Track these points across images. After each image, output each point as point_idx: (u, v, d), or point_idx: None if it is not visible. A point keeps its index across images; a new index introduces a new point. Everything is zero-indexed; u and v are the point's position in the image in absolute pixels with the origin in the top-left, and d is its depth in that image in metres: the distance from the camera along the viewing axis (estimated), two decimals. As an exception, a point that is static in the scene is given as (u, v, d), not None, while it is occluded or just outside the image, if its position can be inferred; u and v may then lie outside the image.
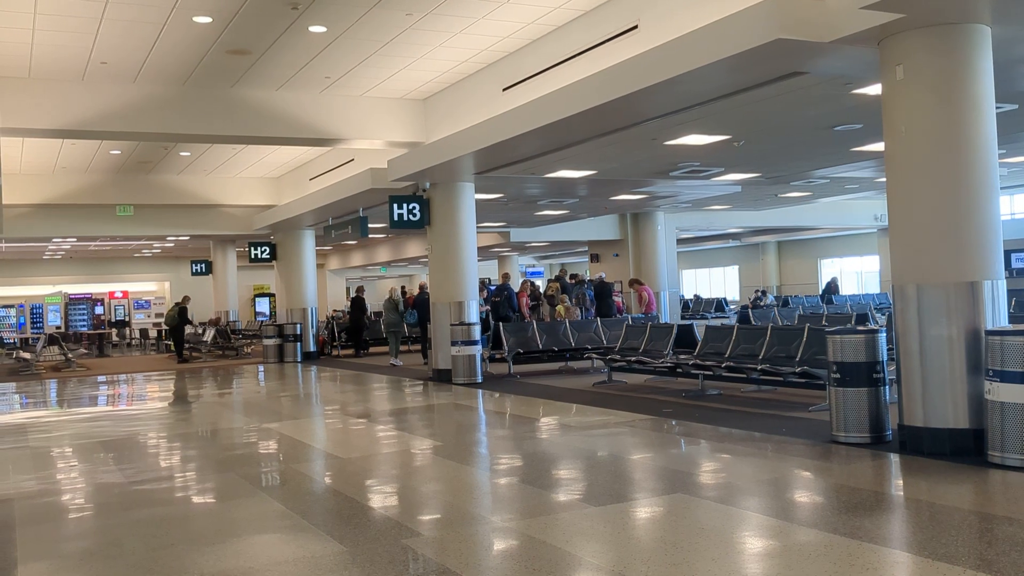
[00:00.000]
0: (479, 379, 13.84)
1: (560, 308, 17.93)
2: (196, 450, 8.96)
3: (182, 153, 17.86)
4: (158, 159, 18.29)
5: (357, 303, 22.25)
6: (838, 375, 7.46)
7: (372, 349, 22.61)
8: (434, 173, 13.66)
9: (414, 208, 14.51)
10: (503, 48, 11.23)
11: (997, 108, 7.26)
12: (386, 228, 20.62)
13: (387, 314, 19.11)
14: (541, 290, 22.28)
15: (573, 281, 21.58)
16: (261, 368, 19.70)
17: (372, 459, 7.99)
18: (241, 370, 19.42)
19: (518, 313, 18.87)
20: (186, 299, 23.30)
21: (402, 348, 20.36)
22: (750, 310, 21.04)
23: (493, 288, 23.87)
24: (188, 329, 22.92)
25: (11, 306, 31.84)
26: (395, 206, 14.43)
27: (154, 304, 33.45)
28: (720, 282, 43.22)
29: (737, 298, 38.82)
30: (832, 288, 28.05)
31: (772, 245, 39.34)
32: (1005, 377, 6.25)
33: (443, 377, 14.26)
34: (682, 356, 11.67)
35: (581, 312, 18.74)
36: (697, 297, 34.92)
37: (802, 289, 35.57)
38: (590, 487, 6.41)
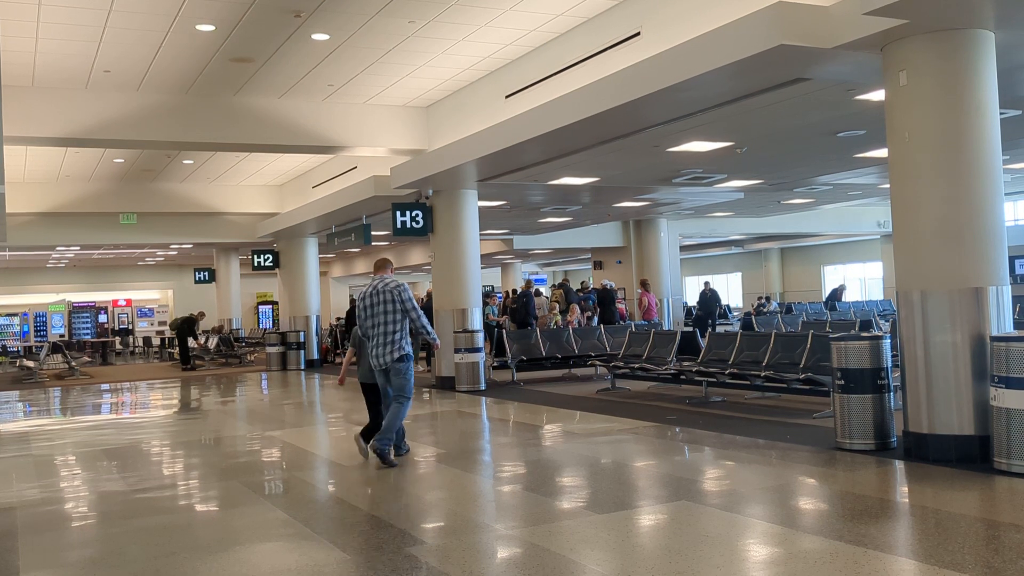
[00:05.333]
0: (483, 386, 13.82)
1: (557, 317, 17.94)
2: (199, 458, 8.95)
3: (185, 161, 17.89)
4: (161, 167, 18.32)
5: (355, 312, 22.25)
6: (842, 382, 7.44)
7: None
8: (437, 180, 13.67)
9: (417, 215, 14.52)
10: (505, 55, 11.24)
11: (1001, 114, 7.25)
12: (389, 236, 20.63)
13: None
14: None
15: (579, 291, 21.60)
16: (264, 376, 19.70)
17: (375, 467, 7.98)
18: (244, 378, 19.42)
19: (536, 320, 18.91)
20: (201, 314, 23.36)
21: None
22: (753, 317, 21.01)
23: (500, 296, 24.00)
24: (192, 342, 22.95)
25: (15, 314, 31.84)
26: (398, 213, 14.43)
27: (158, 312, 33.45)
28: (723, 289, 43.15)
29: (740, 305, 38.76)
30: (837, 295, 27.93)
31: (775, 252, 39.29)
32: (1011, 383, 6.22)
33: (446, 384, 14.24)
34: (686, 363, 11.64)
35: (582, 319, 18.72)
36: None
37: (805, 296, 35.52)
38: (594, 494, 6.38)
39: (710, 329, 17.31)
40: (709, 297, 22.68)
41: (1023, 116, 10.67)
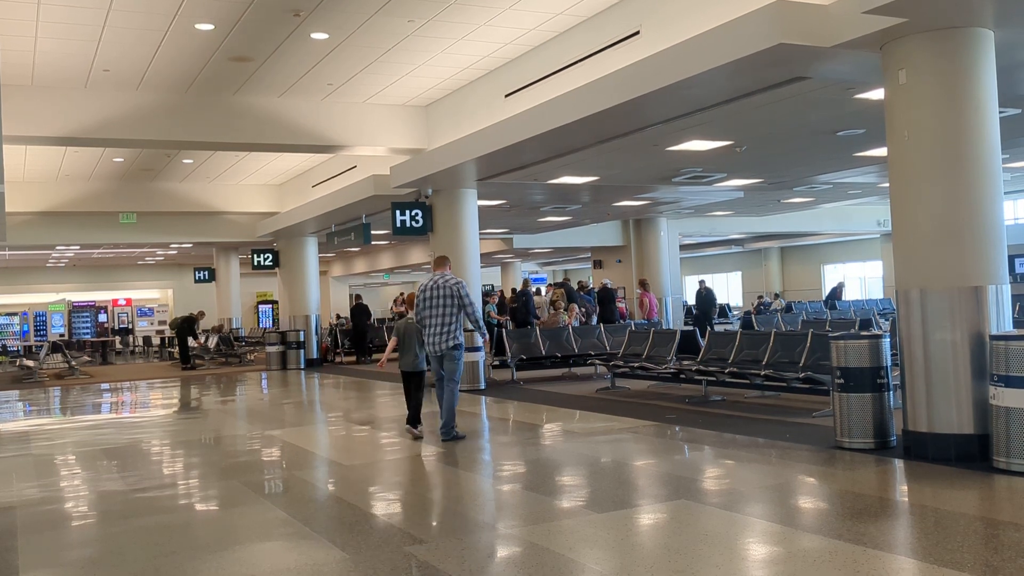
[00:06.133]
0: (482, 385, 13.82)
1: (564, 315, 17.94)
2: (198, 457, 8.95)
3: (185, 160, 17.88)
4: (161, 167, 18.32)
5: (360, 310, 22.22)
6: (842, 380, 7.44)
7: (375, 356, 22.63)
8: (436, 180, 13.67)
9: (417, 215, 14.52)
10: (505, 54, 11.24)
11: (1000, 112, 7.24)
12: (389, 235, 20.65)
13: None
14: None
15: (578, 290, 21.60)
16: (264, 375, 19.69)
17: (375, 466, 7.98)
18: (244, 377, 19.42)
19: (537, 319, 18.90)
20: (201, 314, 23.38)
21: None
22: (753, 316, 20.99)
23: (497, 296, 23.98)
24: (192, 341, 22.95)
25: (15, 314, 31.83)
26: (398, 213, 14.43)
27: (157, 312, 33.46)
28: (723, 288, 43.16)
29: (740, 304, 38.77)
30: (836, 293, 27.90)
31: (775, 251, 39.29)
32: (1010, 382, 6.22)
33: (446, 384, 14.21)
34: (685, 362, 11.64)
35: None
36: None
37: (805, 295, 35.52)
38: (593, 493, 6.38)
39: (709, 328, 17.29)
40: (704, 296, 22.63)
41: (1023, 114, 10.66)
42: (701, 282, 23.55)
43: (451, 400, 8.93)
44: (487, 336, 9.19)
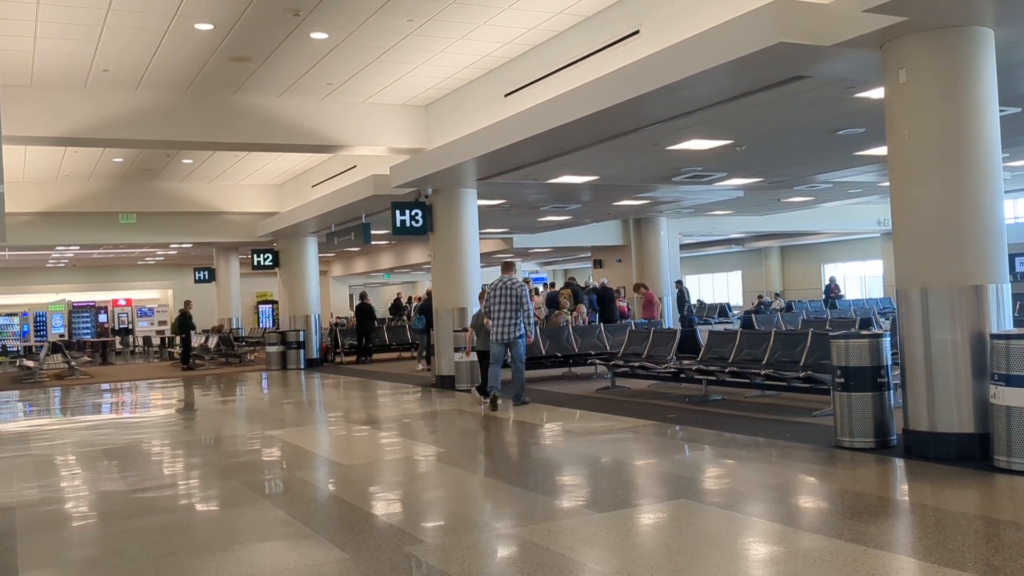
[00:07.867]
0: (482, 385, 13.80)
1: (567, 316, 17.93)
2: (199, 457, 8.95)
3: (184, 161, 17.87)
4: (160, 167, 18.31)
5: (364, 310, 22.17)
6: (842, 380, 7.43)
7: (375, 356, 22.63)
8: (436, 179, 13.66)
9: (416, 214, 14.51)
10: (504, 54, 11.23)
11: (1000, 111, 7.23)
12: (389, 235, 20.63)
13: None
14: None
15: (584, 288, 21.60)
16: (264, 375, 19.69)
17: (375, 466, 7.98)
18: (244, 377, 19.42)
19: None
20: (188, 304, 23.30)
21: (405, 355, 20.33)
22: (754, 315, 20.98)
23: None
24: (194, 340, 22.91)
25: (14, 314, 31.81)
26: (397, 212, 14.42)
27: (157, 312, 33.45)
28: (723, 287, 43.18)
29: (741, 303, 38.77)
30: (832, 290, 27.86)
31: (775, 250, 39.29)
32: (1011, 381, 6.22)
33: (446, 383, 14.23)
34: (685, 361, 11.63)
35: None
36: (700, 302, 34.77)
37: (805, 294, 35.51)
38: (593, 493, 6.38)
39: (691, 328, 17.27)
40: (678, 295, 22.78)
41: (1023, 113, 10.65)
42: (677, 282, 23.57)
43: (519, 376, 11.33)
44: (532, 336, 11.44)
